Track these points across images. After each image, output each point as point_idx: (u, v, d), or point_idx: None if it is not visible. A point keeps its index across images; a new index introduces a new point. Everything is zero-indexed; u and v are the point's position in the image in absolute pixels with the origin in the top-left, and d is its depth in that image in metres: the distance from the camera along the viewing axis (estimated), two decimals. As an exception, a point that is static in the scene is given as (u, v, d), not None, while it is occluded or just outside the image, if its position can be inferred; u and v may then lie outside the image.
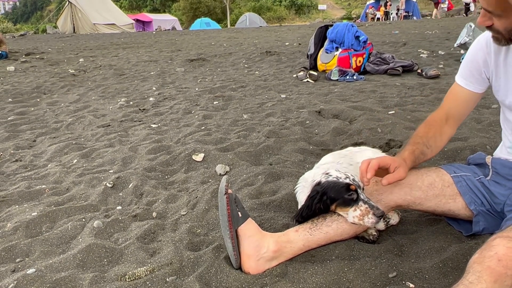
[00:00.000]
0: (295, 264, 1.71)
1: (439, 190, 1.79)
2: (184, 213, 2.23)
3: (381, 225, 1.88)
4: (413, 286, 1.54)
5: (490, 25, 1.54)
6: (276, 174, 2.58)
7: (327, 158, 2.24)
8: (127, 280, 1.71)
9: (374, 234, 1.83)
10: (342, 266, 1.66)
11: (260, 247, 1.70)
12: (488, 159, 1.86)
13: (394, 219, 1.91)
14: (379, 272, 1.61)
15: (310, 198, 1.77)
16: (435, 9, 24.97)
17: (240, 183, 2.51)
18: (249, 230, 1.73)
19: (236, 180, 2.58)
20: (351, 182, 1.71)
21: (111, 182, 2.65)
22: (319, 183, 1.77)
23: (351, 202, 1.69)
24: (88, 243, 1.94)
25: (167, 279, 1.69)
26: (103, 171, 2.91)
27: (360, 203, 1.68)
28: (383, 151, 2.93)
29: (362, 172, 1.69)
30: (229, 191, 1.75)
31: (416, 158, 1.80)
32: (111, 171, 2.90)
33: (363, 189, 1.75)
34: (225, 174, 2.71)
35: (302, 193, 1.97)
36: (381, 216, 1.66)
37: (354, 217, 1.69)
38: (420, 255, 1.70)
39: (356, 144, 3.04)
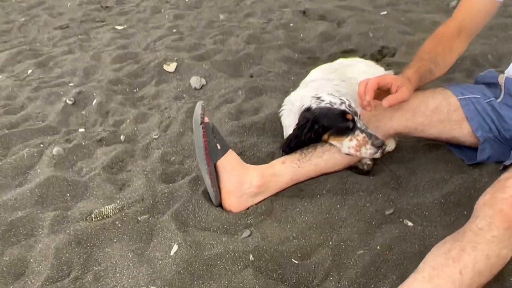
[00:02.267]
0: (281, 199, 1.54)
1: (444, 115, 1.58)
2: (156, 136, 1.99)
3: (377, 153, 1.69)
4: (412, 224, 1.40)
5: None
6: (258, 88, 2.31)
7: (316, 74, 1.97)
8: (93, 220, 1.52)
9: (369, 164, 1.66)
10: (334, 202, 1.50)
11: (243, 182, 1.51)
12: (501, 79, 1.63)
13: (390, 145, 1.72)
14: (375, 209, 1.46)
15: (300, 127, 1.54)
16: None
17: (218, 100, 2.24)
18: (229, 163, 1.52)
19: (213, 95, 2.31)
20: (347, 109, 1.48)
21: (72, 98, 2.34)
22: (309, 109, 1.54)
23: (347, 131, 1.48)
24: (47, 176, 1.71)
25: (139, 218, 1.51)
26: (63, 84, 2.58)
27: (357, 132, 1.47)
28: (376, 60, 2.66)
29: (360, 94, 1.45)
30: (206, 120, 1.50)
31: (422, 77, 1.56)
32: (72, 84, 2.56)
33: (359, 116, 1.53)
34: (200, 88, 2.42)
35: (288, 117, 1.74)
36: (380, 146, 1.47)
37: (350, 147, 1.48)
38: (419, 188, 1.54)
39: (345, 52, 2.75)
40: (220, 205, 1.53)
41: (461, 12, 1.65)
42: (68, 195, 1.67)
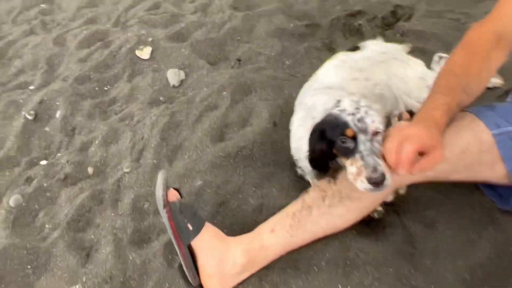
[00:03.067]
0: (272, 274, 1.28)
1: (474, 158, 1.24)
2: (128, 170, 1.70)
3: (389, 197, 1.38)
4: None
5: None
6: (245, 85, 1.94)
7: (330, 78, 1.53)
8: (57, 308, 1.32)
9: (380, 210, 1.36)
10: (335, 280, 1.24)
11: (224, 262, 1.25)
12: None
13: (403, 188, 1.40)
14: (384, 291, 1.20)
15: (311, 135, 1.22)
16: None
17: (199, 106, 1.89)
18: (206, 242, 1.25)
19: (194, 98, 1.95)
20: (350, 122, 1.12)
21: (32, 112, 2.02)
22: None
23: (348, 151, 1.14)
24: (4, 245, 1.48)
25: (108, 305, 1.30)
26: (23, 86, 2.24)
27: (357, 156, 1.12)
28: (386, 25, 2.22)
29: (393, 166, 1.07)
30: (171, 197, 1.21)
31: (452, 117, 1.19)
32: (32, 86, 2.22)
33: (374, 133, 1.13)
34: (179, 86, 2.06)
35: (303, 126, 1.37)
36: (378, 184, 1.09)
37: (350, 174, 1.14)
38: (438, 254, 1.25)
39: (351, 15, 2.28)
40: (200, 285, 1.29)
41: (500, 14, 1.22)
42: (29, 267, 1.45)
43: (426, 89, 1.57)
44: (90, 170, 1.74)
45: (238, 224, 1.39)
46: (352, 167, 1.13)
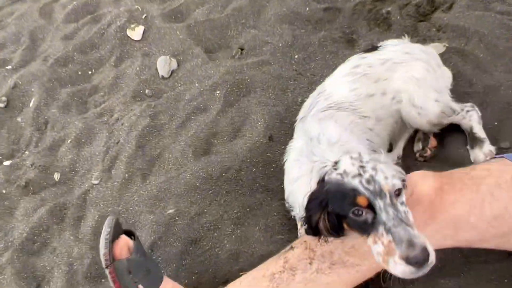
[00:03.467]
0: None
1: (508, 226, 0.96)
2: (96, 182, 1.47)
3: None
4: None
5: None
6: (244, 83, 1.65)
7: (341, 92, 1.23)
8: None
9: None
10: None
11: (183, 326, 1.03)
12: None
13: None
14: None
15: (308, 209, 0.94)
16: None
17: (188, 105, 1.63)
18: (162, 302, 1.02)
19: (183, 95, 1.68)
20: (360, 187, 0.85)
21: (4, 99, 1.80)
22: (323, 180, 0.92)
23: (366, 226, 0.87)
24: None
25: None
26: (1, 64, 2.01)
27: (381, 229, 0.84)
28: (421, 15, 1.86)
29: None
30: (119, 250, 0.97)
31: None
32: (10, 65, 1.98)
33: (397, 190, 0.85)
34: (169, 77, 1.78)
35: (296, 167, 1.14)
36: (421, 262, 0.81)
37: (378, 254, 0.87)
38: None
39: (380, 1, 1.92)
40: None
41: None
42: (-26, 294, 1.27)
43: (434, 101, 1.27)
44: (56, 175, 1.53)
45: (208, 273, 1.16)
46: (377, 245, 0.85)
